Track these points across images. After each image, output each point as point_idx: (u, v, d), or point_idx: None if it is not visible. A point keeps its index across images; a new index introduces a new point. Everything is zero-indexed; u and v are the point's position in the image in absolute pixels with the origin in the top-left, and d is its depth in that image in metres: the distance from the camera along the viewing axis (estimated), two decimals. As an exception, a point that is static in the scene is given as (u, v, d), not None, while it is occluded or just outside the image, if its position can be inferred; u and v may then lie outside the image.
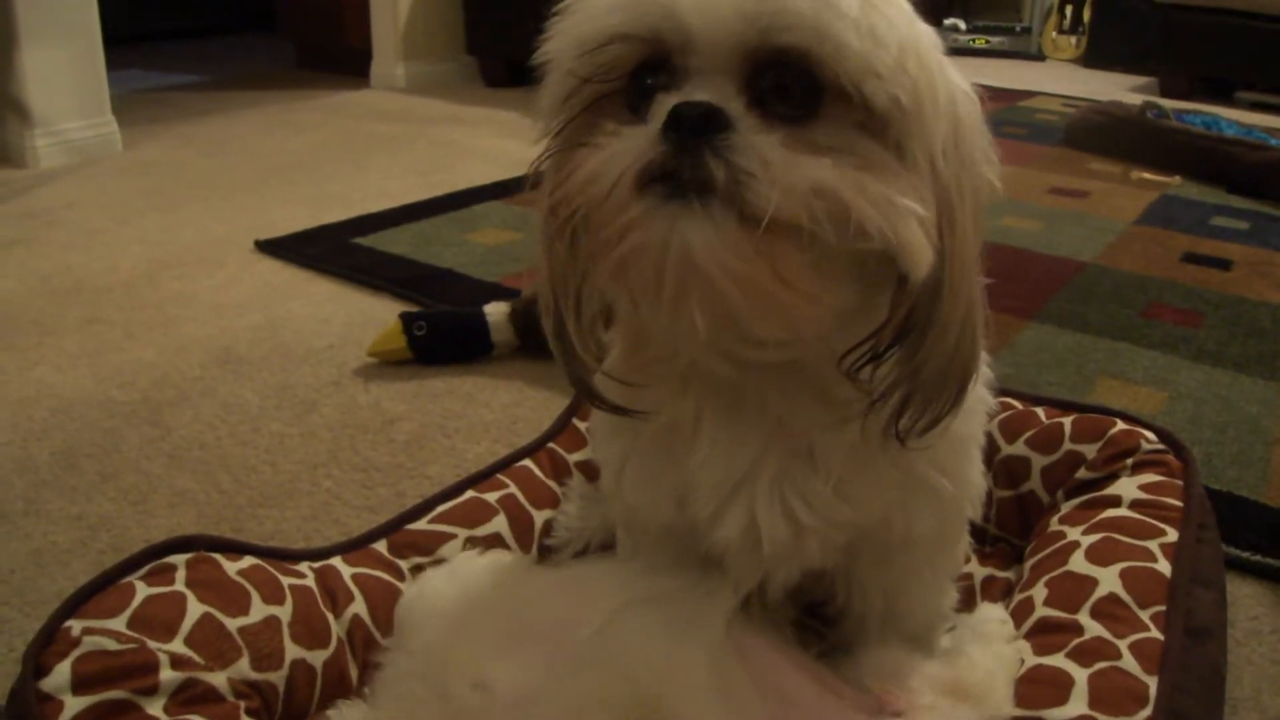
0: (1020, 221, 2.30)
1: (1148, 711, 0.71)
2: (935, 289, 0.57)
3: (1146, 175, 2.76)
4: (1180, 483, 0.93)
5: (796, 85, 0.54)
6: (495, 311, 1.54)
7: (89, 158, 2.69)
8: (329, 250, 2.00)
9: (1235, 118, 3.13)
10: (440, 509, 0.97)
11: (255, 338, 1.61)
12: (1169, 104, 3.16)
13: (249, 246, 2.03)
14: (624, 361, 0.67)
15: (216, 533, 1.08)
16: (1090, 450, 0.98)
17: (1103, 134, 2.98)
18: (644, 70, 0.58)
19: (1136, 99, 3.23)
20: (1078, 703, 0.72)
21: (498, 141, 3.00)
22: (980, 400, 0.73)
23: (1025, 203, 2.46)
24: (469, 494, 0.99)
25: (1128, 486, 0.93)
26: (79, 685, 0.65)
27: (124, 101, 2.77)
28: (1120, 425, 1.00)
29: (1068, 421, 1.02)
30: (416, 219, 2.20)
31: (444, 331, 1.52)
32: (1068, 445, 1.00)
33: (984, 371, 0.72)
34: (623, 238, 0.55)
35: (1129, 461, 0.96)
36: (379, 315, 1.69)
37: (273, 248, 2.02)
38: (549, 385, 1.46)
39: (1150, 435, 0.99)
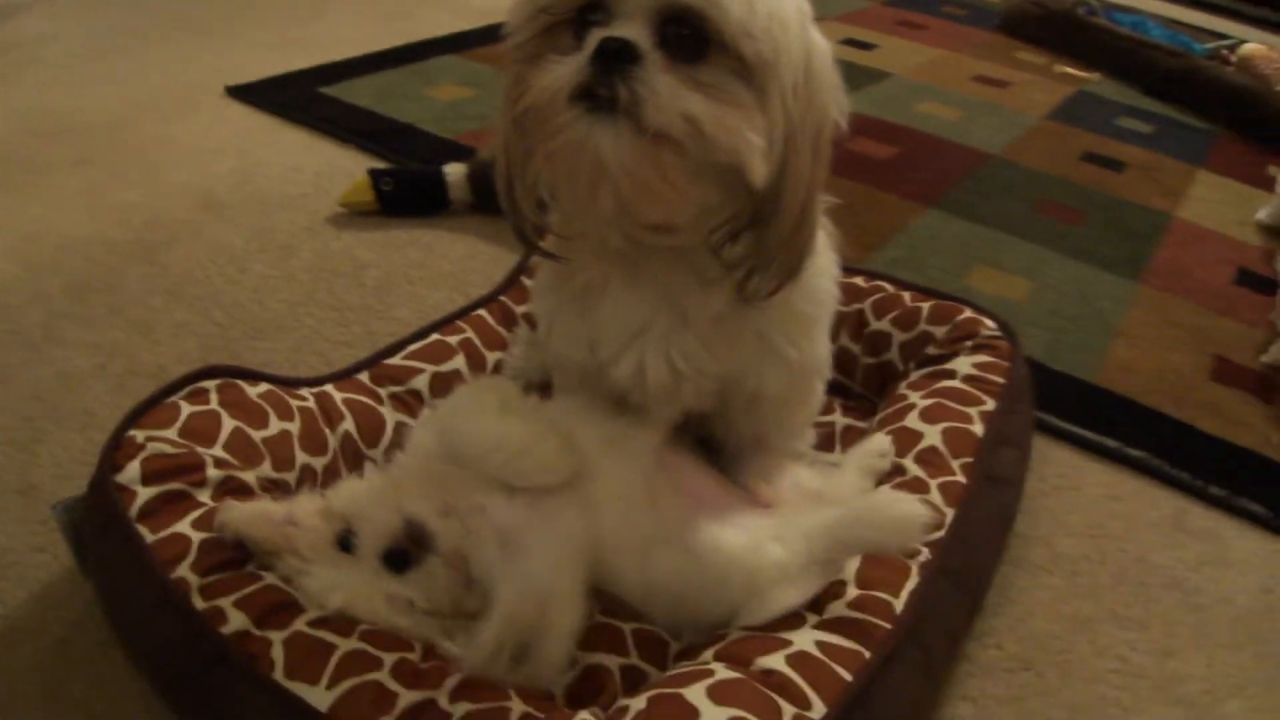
0: (940, 109, 2.48)
1: (942, 533, 0.96)
2: (776, 193, 0.78)
3: (1069, 70, 2.93)
4: (1007, 364, 1.17)
5: (691, 35, 0.73)
6: (453, 171, 1.72)
7: (52, -13, 2.72)
8: (297, 99, 2.12)
9: (1177, 15, 3.27)
10: (411, 348, 1.18)
11: (234, 182, 1.77)
12: (1104, -2, 3.30)
13: (219, 91, 2.15)
14: (558, 232, 0.89)
15: (216, 360, 1.28)
16: (940, 331, 1.22)
17: (1034, 24, 3.13)
18: (586, 8, 0.77)
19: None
20: (891, 522, 0.96)
21: (457, -12, 3.07)
22: (827, 291, 0.95)
23: (948, 90, 2.64)
24: (434, 337, 1.21)
25: (964, 364, 1.17)
26: (146, 479, 0.87)
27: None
28: (967, 312, 1.23)
29: (926, 306, 1.25)
30: (379, 69, 2.32)
31: (407, 187, 1.70)
32: (923, 326, 1.23)
33: (832, 269, 0.94)
34: (555, 136, 0.75)
35: (969, 343, 1.20)
36: (345, 167, 1.85)
37: (243, 93, 2.14)
38: (499, 241, 1.65)
39: (990, 323, 1.22)
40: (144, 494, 0.85)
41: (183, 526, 0.83)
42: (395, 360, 1.16)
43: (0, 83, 2.11)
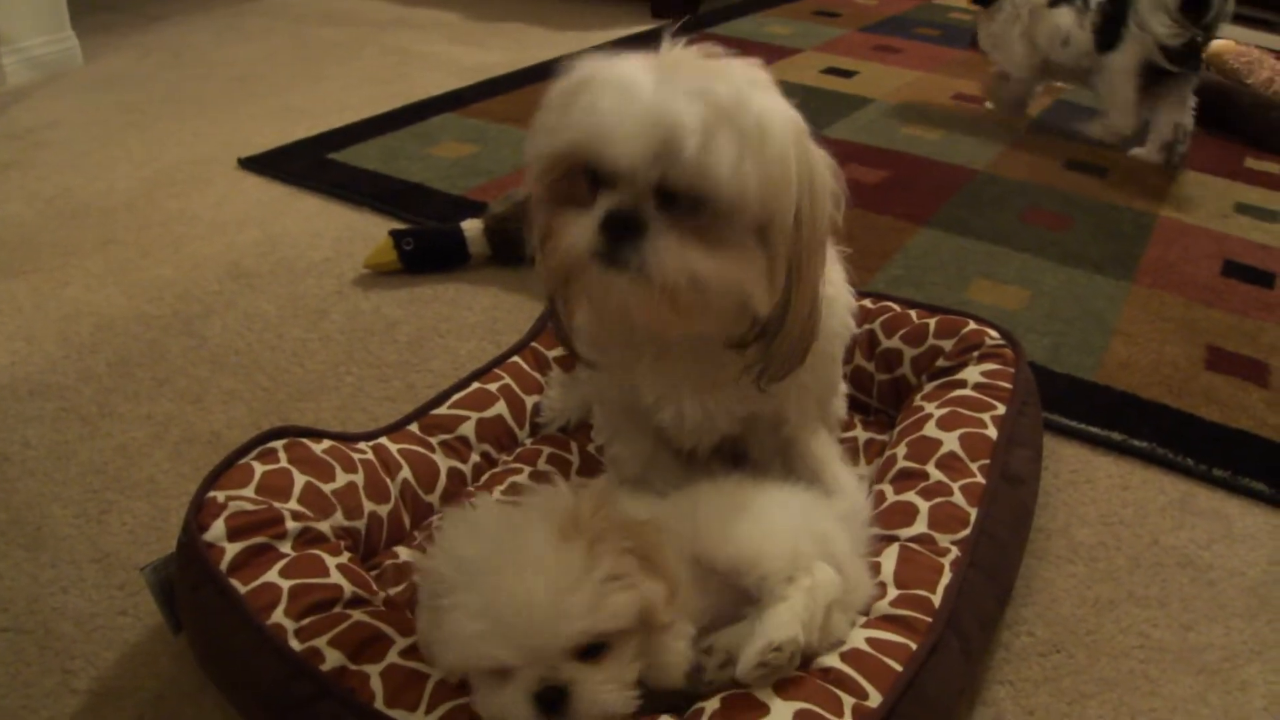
0: (924, 130, 2.57)
1: (968, 531, 1.03)
2: (782, 313, 0.87)
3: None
4: (1012, 370, 1.25)
5: (688, 200, 0.81)
6: (471, 227, 1.80)
7: (53, 73, 2.81)
8: (308, 166, 2.21)
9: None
10: (455, 397, 1.26)
11: (259, 252, 1.85)
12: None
13: (232, 164, 2.24)
14: (592, 338, 0.99)
15: (267, 424, 1.36)
16: (948, 344, 1.30)
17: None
18: (591, 171, 0.84)
19: None
20: (920, 524, 1.04)
21: (447, 48, 3.17)
22: (843, 325, 1.04)
23: (930, 109, 2.73)
24: (475, 385, 1.29)
25: (972, 373, 1.24)
26: (232, 535, 0.94)
27: (74, 9, 2.88)
28: (972, 325, 1.31)
29: (933, 321, 1.33)
30: (381, 133, 2.41)
31: (429, 245, 1.78)
32: (931, 340, 1.31)
33: (847, 299, 1.03)
34: (584, 282, 0.86)
35: (975, 354, 1.27)
36: (363, 229, 1.94)
37: (255, 165, 2.22)
38: (520, 290, 1.74)
39: (994, 333, 1.30)
40: (231, 549, 0.92)
41: (272, 576, 0.90)
42: (442, 410, 1.23)
43: (15, 168, 2.20)
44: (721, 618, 0.88)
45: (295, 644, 0.85)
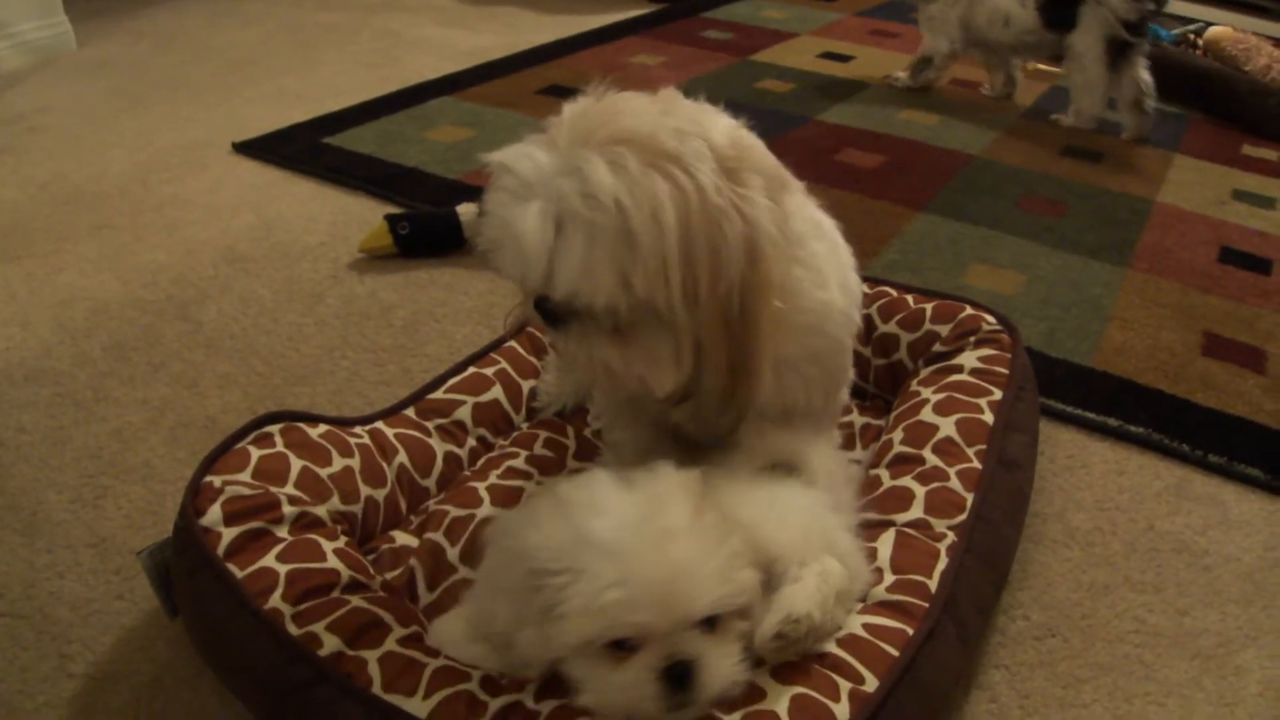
0: (920, 115, 2.57)
1: (964, 516, 1.03)
2: (696, 383, 0.88)
3: (1041, 66, 3.01)
4: (1009, 355, 1.25)
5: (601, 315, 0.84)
6: (466, 211, 1.79)
7: (46, 58, 2.79)
8: (302, 151, 2.20)
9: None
10: (451, 382, 1.26)
11: (253, 236, 1.84)
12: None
13: (226, 148, 2.23)
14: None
15: (263, 408, 1.35)
16: (944, 329, 1.30)
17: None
18: None
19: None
20: (916, 509, 1.03)
21: (441, 31, 3.16)
22: (850, 320, 1.04)
23: (926, 96, 2.73)
24: (471, 370, 1.28)
25: (969, 358, 1.24)
26: (229, 520, 0.93)
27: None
28: (968, 310, 1.31)
29: (929, 306, 1.33)
30: (376, 116, 2.40)
31: (424, 230, 1.77)
32: (928, 325, 1.31)
33: (854, 297, 1.04)
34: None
35: (972, 339, 1.27)
36: (358, 213, 1.93)
37: (249, 149, 2.21)
38: (515, 276, 1.73)
39: (990, 319, 1.30)
40: (228, 534, 0.92)
41: (268, 561, 0.90)
42: (438, 394, 1.23)
43: (8, 153, 2.19)
44: None
45: (293, 629, 0.85)
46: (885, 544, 0.99)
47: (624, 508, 0.79)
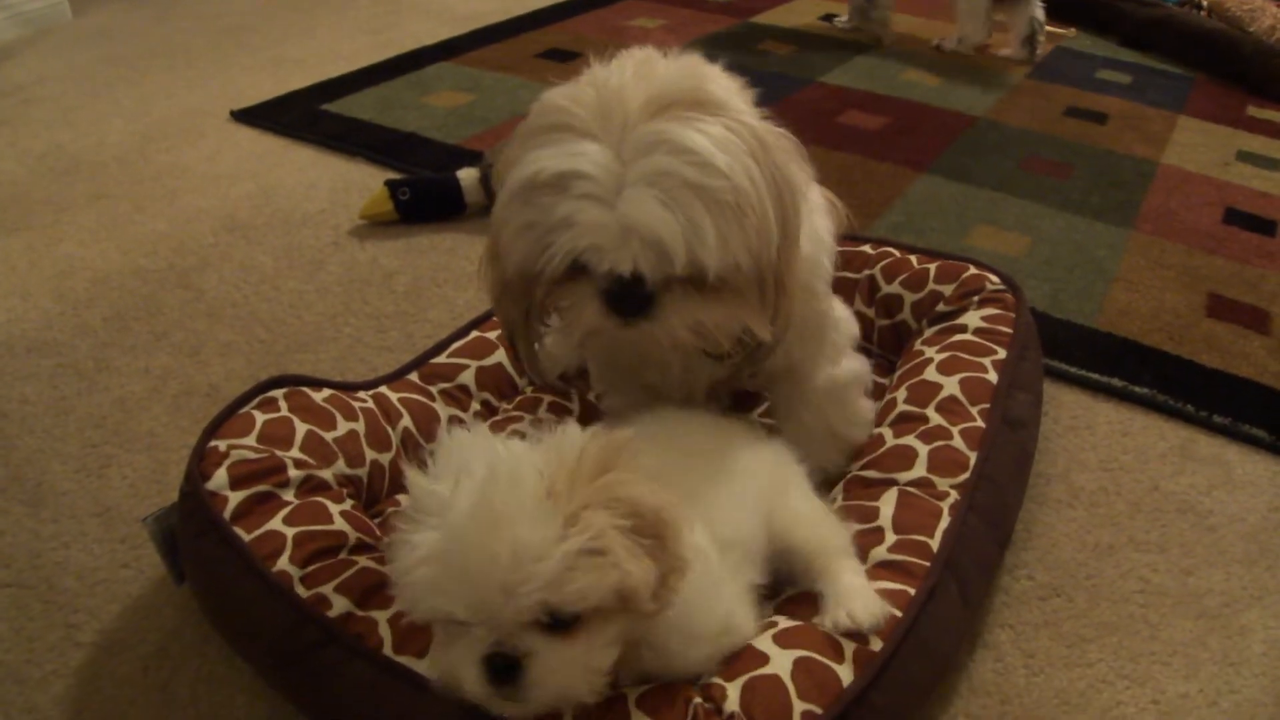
0: (923, 76, 2.54)
1: (967, 475, 1.03)
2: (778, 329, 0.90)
3: (1048, 28, 2.98)
4: (1013, 315, 1.24)
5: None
6: (467, 176, 1.78)
7: (42, 28, 2.77)
8: (301, 118, 2.19)
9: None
10: (454, 346, 1.25)
11: (253, 204, 1.83)
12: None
13: (224, 116, 2.21)
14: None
15: (265, 376, 1.35)
16: (948, 289, 1.29)
17: (1005, -16, 3.20)
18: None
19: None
20: (920, 468, 1.03)
21: (437, -7, 3.13)
22: (819, 265, 1.02)
23: (929, 56, 2.70)
24: (474, 334, 1.28)
25: (973, 317, 1.24)
26: (235, 484, 0.93)
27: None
28: (972, 270, 1.30)
29: (933, 267, 1.32)
30: (375, 83, 2.38)
31: (424, 195, 1.76)
32: (931, 285, 1.30)
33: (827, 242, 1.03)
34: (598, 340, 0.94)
35: (976, 298, 1.27)
36: (358, 180, 1.92)
37: (248, 117, 2.20)
38: (517, 242, 1.72)
39: (994, 278, 1.29)
40: (234, 498, 0.92)
41: (275, 524, 0.90)
42: (441, 359, 1.23)
43: (6, 126, 2.17)
44: None
45: (301, 591, 0.85)
46: (888, 503, 0.99)
47: (477, 476, 0.69)
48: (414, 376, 1.20)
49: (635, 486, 0.71)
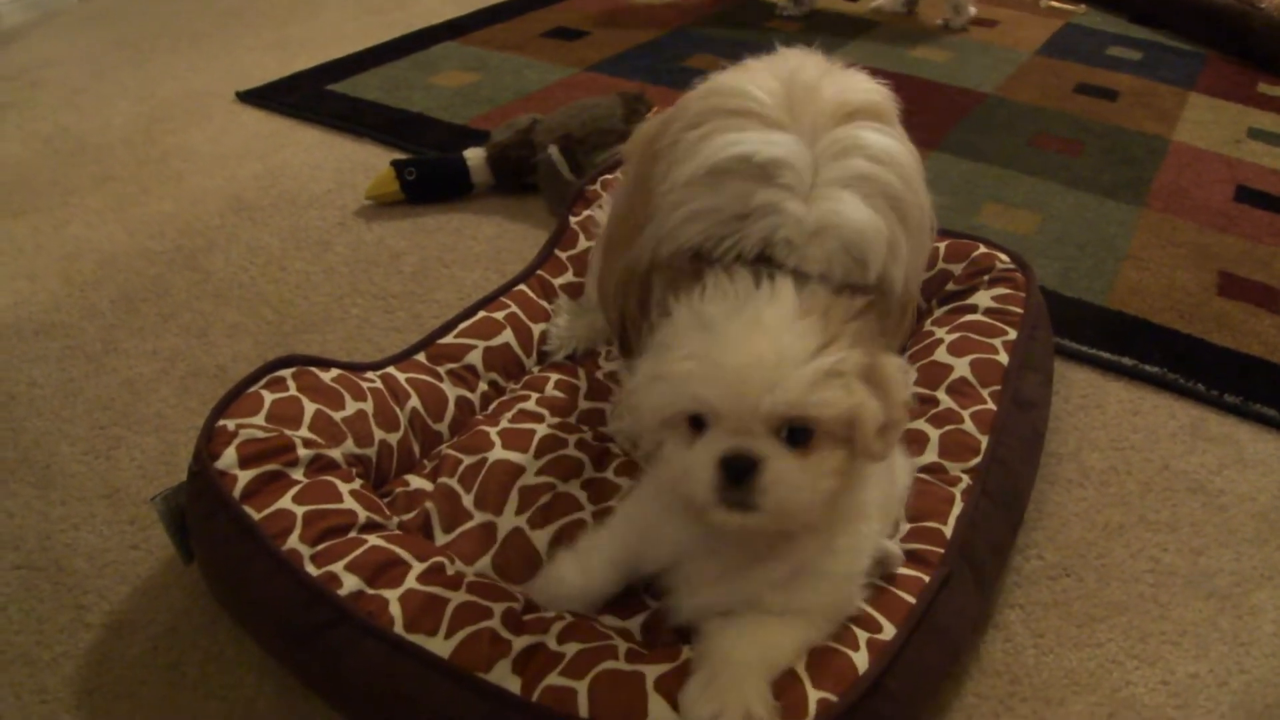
0: (932, 53, 2.53)
1: (979, 459, 1.03)
2: None
3: (1055, 4, 2.97)
4: (1023, 294, 1.23)
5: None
6: (474, 156, 1.78)
7: (48, 11, 2.76)
8: (307, 98, 2.18)
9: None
10: (461, 326, 1.25)
11: (260, 185, 1.83)
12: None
13: (230, 97, 2.20)
14: None
15: (273, 356, 1.34)
16: (958, 268, 1.28)
17: (1016, -39, 3.17)
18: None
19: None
20: (931, 453, 1.03)
21: (444, -26, 3.11)
22: None
23: (938, 33, 2.68)
24: (481, 314, 1.27)
25: (983, 297, 1.23)
26: (244, 463, 0.93)
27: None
28: (982, 249, 1.30)
29: (942, 246, 1.31)
30: (381, 63, 2.37)
31: (431, 175, 1.75)
32: (941, 264, 1.30)
33: None
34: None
35: (986, 278, 1.26)
36: (364, 160, 1.91)
37: (254, 98, 2.19)
38: (524, 218, 1.72)
39: (1004, 257, 1.28)
40: (244, 477, 0.92)
41: (285, 503, 0.90)
42: (448, 339, 1.22)
43: (11, 108, 2.17)
44: None
45: (312, 569, 0.85)
46: (901, 489, 0.99)
47: (737, 298, 0.76)
48: (421, 357, 1.19)
49: (869, 344, 0.76)
